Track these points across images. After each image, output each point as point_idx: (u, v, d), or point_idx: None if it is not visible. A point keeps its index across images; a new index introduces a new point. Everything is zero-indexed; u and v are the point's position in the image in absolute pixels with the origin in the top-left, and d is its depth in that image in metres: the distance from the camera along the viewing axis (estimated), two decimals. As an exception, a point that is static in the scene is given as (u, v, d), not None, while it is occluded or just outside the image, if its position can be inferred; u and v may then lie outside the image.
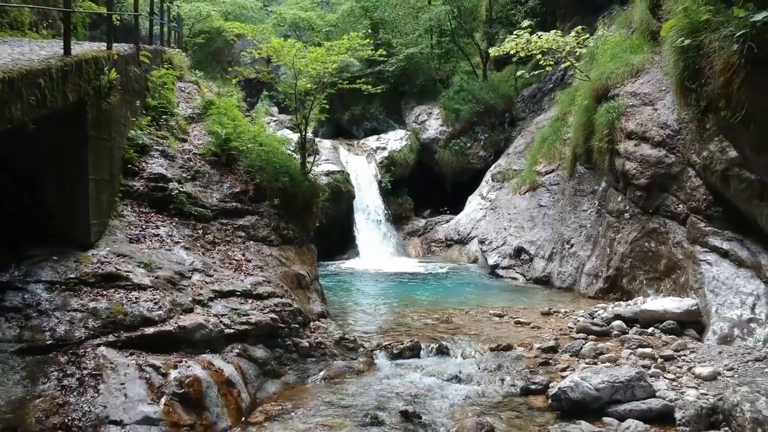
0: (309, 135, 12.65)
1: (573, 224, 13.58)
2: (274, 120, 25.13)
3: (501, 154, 21.07)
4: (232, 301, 7.09)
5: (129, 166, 8.34)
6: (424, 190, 22.19)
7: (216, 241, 8.26)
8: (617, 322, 9.12)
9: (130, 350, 5.75)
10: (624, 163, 11.24)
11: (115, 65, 7.54)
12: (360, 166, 21.19)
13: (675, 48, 5.20)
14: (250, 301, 7.26)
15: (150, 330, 5.98)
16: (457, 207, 20.66)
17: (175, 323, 6.20)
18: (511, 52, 14.98)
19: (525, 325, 9.60)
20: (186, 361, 5.89)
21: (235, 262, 8.00)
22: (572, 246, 13.32)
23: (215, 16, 21.70)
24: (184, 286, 6.90)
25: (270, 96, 29.47)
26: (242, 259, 8.17)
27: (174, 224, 8.05)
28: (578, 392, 6.09)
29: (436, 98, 23.55)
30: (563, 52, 14.23)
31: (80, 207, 6.64)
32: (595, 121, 12.28)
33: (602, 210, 12.60)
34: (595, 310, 9.96)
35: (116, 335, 5.78)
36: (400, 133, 23.17)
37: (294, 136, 14.60)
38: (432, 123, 22.84)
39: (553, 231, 14.45)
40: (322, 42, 22.58)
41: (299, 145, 11.22)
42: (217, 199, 8.91)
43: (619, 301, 10.65)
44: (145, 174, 8.46)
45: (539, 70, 16.52)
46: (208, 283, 7.21)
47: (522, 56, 15.24)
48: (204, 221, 8.44)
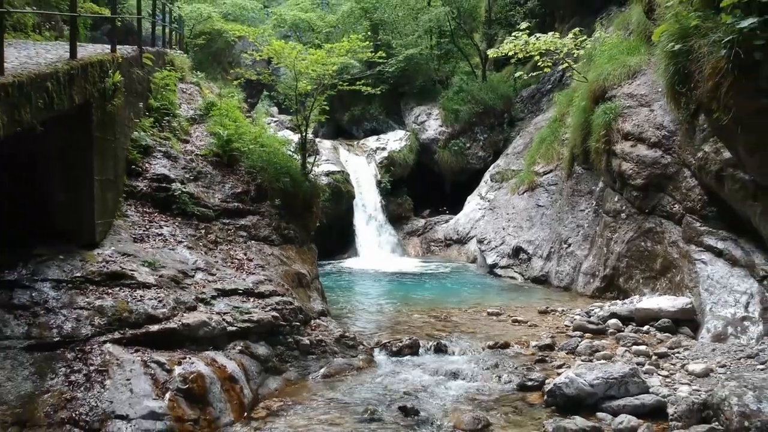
0: (309, 136, 12.77)
1: (570, 224, 13.71)
2: (274, 121, 25.26)
3: (500, 155, 21.17)
4: (234, 300, 7.25)
5: (132, 167, 8.48)
6: (424, 190, 22.29)
7: (218, 240, 8.40)
8: (613, 321, 9.26)
9: (136, 347, 5.91)
10: (621, 163, 11.37)
11: (119, 68, 7.68)
12: (360, 167, 21.30)
13: (666, 52, 5.34)
14: (252, 300, 7.41)
15: (154, 327, 6.14)
16: (457, 207, 20.77)
17: (179, 321, 6.35)
18: (509, 54, 15.11)
19: (522, 324, 9.74)
20: (190, 358, 6.04)
21: (237, 261, 8.14)
22: (570, 245, 13.46)
23: (216, 17, 21.80)
24: (188, 284, 7.05)
25: (270, 96, 29.59)
26: (244, 258, 8.31)
27: (177, 224, 8.20)
28: (573, 388, 6.23)
29: (435, 99, 23.65)
30: (561, 54, 14.36)
31: (86, 207, 6.78)
32: (592, 122, 12.40)
33: (599, 210, 12.74)
34: (592, 309, 10.10)
35: (122, 332, 5.94)
36: (400, 133, 23.27)
37: (294, 136, 14.73)
38: (431, 123, 22.95)
39: (551, 231, 14.58)
40: (322, 43, 22.77)
41: (300, 145, 11.36)
42: (219, 199, 9.05)
43: (615, 300, 10.79)
44: (149, 174, 8.60)
45: (538, 72, 16.64)
46: (210, 281, 7.36)
47: (520, 57, 15.37)
48: (206, 221, 8.58)
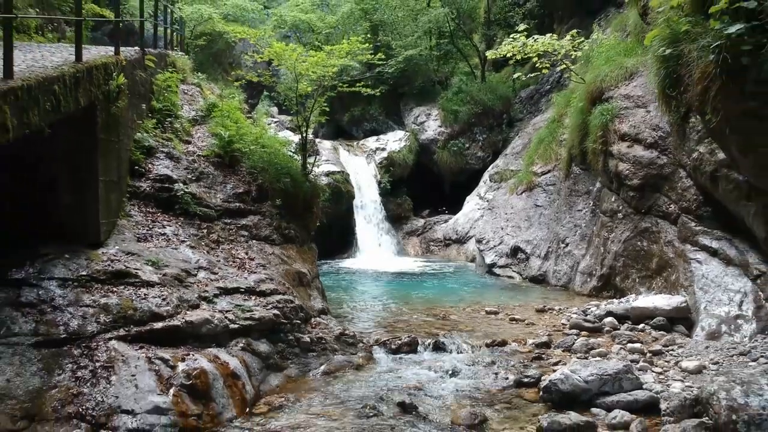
0: (309, 136, 12.91)
1: (568, 224, 13.85)
2: (274, 121, 25.37)
3: (499, 155, 21.29)
4: (236, 298, 7.39)
5: (136, 168, 8.62)
6: (423, 190, 22.43)
7: (220, 240, 8.53)
8: (609, 319, 9.39)
9: (140, 344, 6.05)
10: (617, 164, 11.50)
11: (123, 70, 7.82)
12: (360, 167, 21.44)
13: (657, 56, 5.47)
14: (254, 298, 7.55)
15: (159, 325, 6.28)
16: (456, 207, 20.90)
17: (183, 318, 6.49)
18: (507, 55, 15.25)
19: (520, 322, 9.87)
20: (193, 355, 6.18)
21: (238, 261, 8.28)
22: (567, 245, 13.60)
23: (216, 18, 21.94)
24: (191, 283, 7.19)
25: (270, 96, 29.72)
26: (245, 257, 8.45)
27: (179, 224, 8.33)
28: (568, 384, 6.37)
29: (434, 99, 23.78)
30: (559, 55, 14.50)
31: (91, 208, 6.92)
32: (589, 122, 12.54)
33: (596, 210, 12.87)
34: (588, 308, 10.23)
35: (127, 329, 6.08)
36: (399, 134, 23.40)
37: (294, 137, 14.87)
38: (431, 124, 23.08)
39: (548, 230, 14.72)
40: (322, 44, 22.89)
41: (300, 146, 11.50)
42: (220, 199, 9.18)
43: (612, 299, 10.91)
44: (152, 175, 8.74)
45: (536, 73, 16.80)
46: (213, 280, 7.50)
47: (518, 59, 15.52)
48: (208, 221, 8.72)
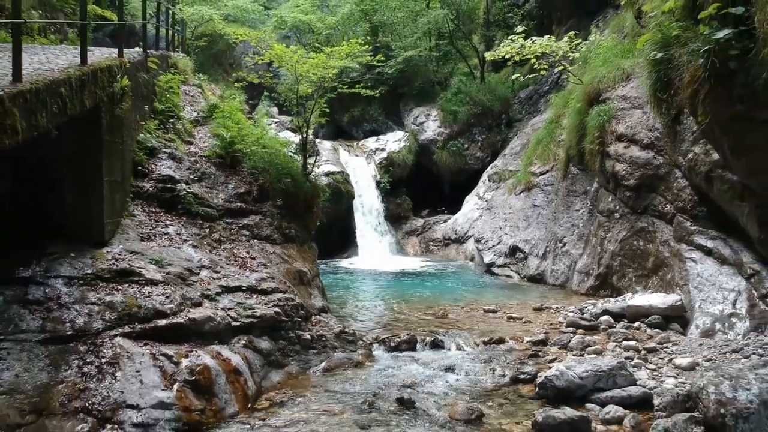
0: (309, 137, 13.04)
1: (566, 224, 13.98)
2: (275, 122, 25.52)
3: (498, 155, 21.41)
4: (238, 296, 7.53)
5: (139, 168, 8.76)
6: (423, 190, 22.56)
7: (222, 239, 8.67)
8: (605, 317, 9.53)
9: (145, 340, 6.19)
10: (614, 164, 11.63)
11: (127, 72, 7.96)
12: (359, 167, 21.57)
13: (649, 60, 5.61)
14: (255, 296, 7.69)
15: (162, 322, 6.42)
16: (455, 207, 21.03)
17: (186, 316, 6.63)
18: (506, 57, 15.39)
19: (517, 320, 10.01)
20: (196, 351, 6.31)
21: (240, 260, 8.42)
22: (565, 245, 13.73)
23: (217, 19, 22.07)
24: (193, 281, 7.33)
25: (270, 97, 29.86)
26: (247, 256, 8.58)
27: (182, 223, 8.47)
28: (563, 380, 6.50)
29: (434, 100, 23.92)
30: (557, 57, 14.63)
31: (95, 207, 7.06)
32: (587, 123, 12.67)
33: (594, 210, 13.00)
34: (585, 306, 10.37)
35: (131, 327, 6.22)
36: (399, 134, 23.53)
37: (295, 137, 14.99)
38: (430, 124, 23.21)
39: (546, 230, 14.86)
40: (322, 44, 23.03)
41: (300, 147, 11.63)
42: (222, 199, 9.32)
43: (609, 298, 11.04)
44: (154, 175, 8.87)
45: (535, 74, 16.93)
46: (215, 278, 7.63)
47: (517, 60, 15.66)
48: (210, 220, 8.86)
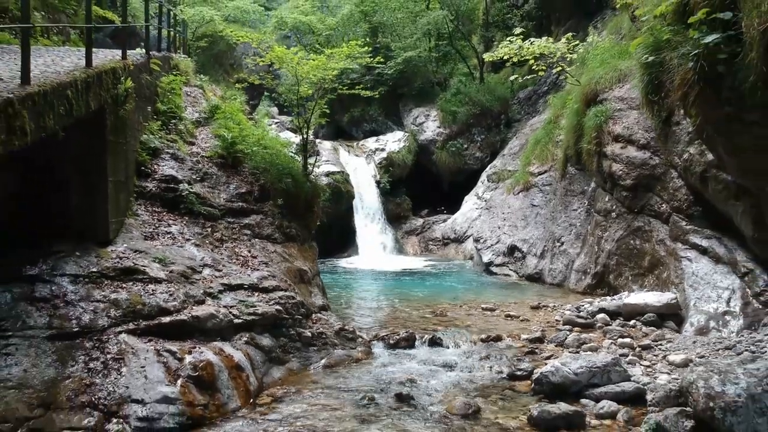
0: (310, 137, 13.17)
1: (564, 223, 14.11)
2: (275, 122, 25.66)
3: (497, 155, 21.55)
4: (240, 294, 7.67)
5: (142, 168, 8.89)
6: (422, 190, 22.70)
7: (224, 238, 8.80)
8: (601, 315, 9.67)
9: (149, 337, 6.33)
10: (611, 164, 11.77)
11: (130, 74, 8.09)
12: (359, 167, 21.71)
13: (641, 63, 5.75)
14: (257, 294, 7.83)
15: (166, 319, 6.56)
16: (454, 207, 21.17)
17: (189, 313, 6.77)
18: (504, 58, 15.53)
19: (515, 319, 10.15)
20: (199, 348, 6.45)
21: (241, 258, 8.55)
22: (563, 244, 13.87)
23: (218, 20, 22.21)
24: (196, 279, 7.47)
25: (271, 97, 30.01)
26: (248, 255, 8.72)
27: (185, 223, 8.61)
28: (558, 376, 6.64)
29: (433, 100, 24.05)
30: (554, 58, 14.77)
31: (100, 207, 7.20)
32: (584, 124, 12.80)
33: (591, 209, 13.14)
34: (582, 304, 10.51)
35: (136, 323, 6.35)
36: (399, 134, 23.67)
37: (295, 137, 15.12)
38: (430, 125, 23.35)
39: (544, 230, 14.99)
40: (322, 45, 23.16)
41: (301, 147, 11.76)
42: (224, 199, 9.45)
43: (605, 296, 11.19)
44: (157, 175, 9.01)
45: (533, 74, 17.08)
46: (217, 277, 7.77)
47: (515, 61, 15.80)
48: (212, 220, 8.99)
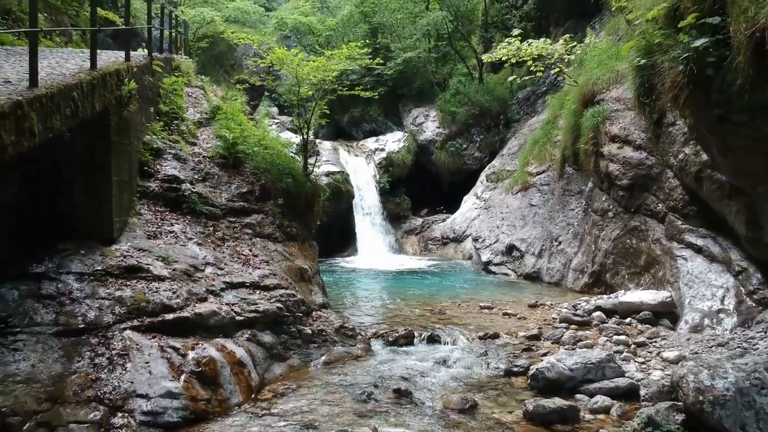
0: (310, 137, 13.30)
1: (561, 222, 14.26)
2: (275, 122, 25.80)
3: (496, 155, 21.67)
4: (241, 292, 7.81)
5: (145, 168, 9.03)
6: (422, 190, 22.83)
7: (225, 237, 8.94)
8: (597, 313, 9.81)
9: (153, 333, 6.47)
10: (608, 164, 11.90)
11: (134, 76, 8.22)
12: (359, 167, 21.84)
13: (633, 66, 5.89)
14: (258, 292, 7.97)
15: (170, 316, 6.70)
16: (453, 206, 21.30)
17: (192, 310, 6.91)
18: (503, 59, 15.67)
19: (512, 316, 10.29)
20: (202, 344, 6.59)
21: (243, 257, 8.69)
22: (560, 243, 14.01)
23: (218, 21, 22.35)
24: (199, 277, 7.60)
25: (271, 97, 30.15)
26: (250, 254, 8.86)
27: (187, 222, 8.75)
28: (554, 372, 6.78)
29: (433, 101, 24.19)
30: (552, 59, 14.90)
31: (105, 207, 7.34)
32: (581, 124, 12.94)
33: (588, 209, 13.28)
34: (578, 303, 10.65)
35: (140, 320, 6.50)
36: (398, 134, 23.81)
37: (295, 138, 15.25)
38: (429, 125, 23.48)
39: (542, 229, 15.13)
40: (322, 45, 23.29)
41: (301, 147, 11.90)
42: (225, 198, 9.59)
43: (602, 295, 11.32)
44: (160, 176, 9.15)
45: (532, 75, 17.22)
46: (219, 275, 7.91)
47: (514, 62, 15.94)
48: (214, 219, 9.13)
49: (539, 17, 24.05)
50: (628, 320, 9.50)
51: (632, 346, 8.23)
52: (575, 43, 15.10)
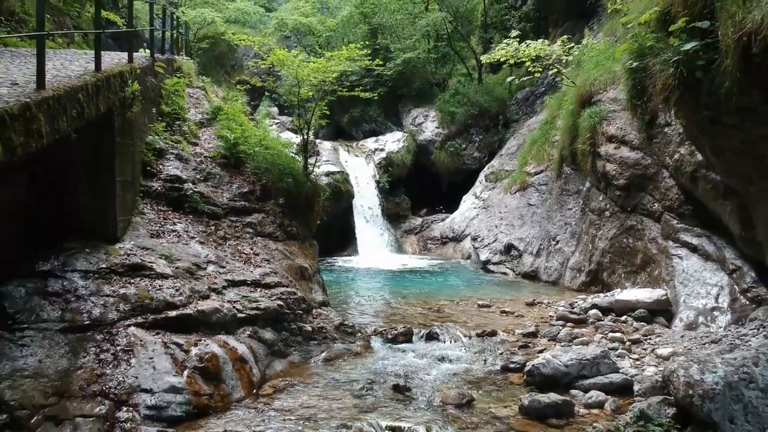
0: (310, 137, 13.43)
1: (559, 222, 14.40)
2: (276, 122, 25.93)
3: (494, 155, 21.82)
4: (243, 290, 7.94)
5: (148, 168, 9.16)
6: (421, 189, 22.97)
7: (227, 236, 9.08)
8: (594, 311, 9.94)
9: (156, 330, 6.60)
10: (605, 164, 12.04)
11: (137, 77, 8.36)
12: (359, 167, 21.97)
13: (626, 69, 6.03)
14: (259, 290, 8.10)
15: (173, 313, 6.83)
16: (453, 206, 21.44)
17: (195, 308, 7.05)
18: (501, 60, 15.81)
19: (510, 314, 10.43)
20: (205, 340, 6.73)
21: (244, 255, 8.83)
22: (558, 242, 14.15)
23: (219, 21, 22.48)
24: (201, 275, 7.74)
25: (271, 98, 30.29)
26: (251, 252, 8.99)
27: (189, 221, 8.88)
28: (549, 368, 6.91)
29: (432, 101, 24.33)
30: (550, 60, 15.04)
31: (109, 206, 7.48)
32: (579, 125, 13.07)
33: (585, 209, 13.42)
34: (575, 301, 10.78)
35: (144, 317, 6.63)
36: (398, 134, 23.95)
37: (295, 138, 15.38)
38: (428, 125, 23.63)
39: (540, 228, 15.27)
40: (322, 46, 23.41)
41: (301, 147, 12.03)
42: (227, 198, 9.72)
43: (599, 293, 11.45)
44: (162, 175, 9.28)
45: (530, 76, 17.35)
46: (221, 273, 8.04)
47: (512, 63, 16.08)
48: (216, 218, 9.27)
49: (538, 18, 24.19)
50: (624, 318, 9.63)
51: (627, 343, 8.37)
52: (573, 44, 15.23)
